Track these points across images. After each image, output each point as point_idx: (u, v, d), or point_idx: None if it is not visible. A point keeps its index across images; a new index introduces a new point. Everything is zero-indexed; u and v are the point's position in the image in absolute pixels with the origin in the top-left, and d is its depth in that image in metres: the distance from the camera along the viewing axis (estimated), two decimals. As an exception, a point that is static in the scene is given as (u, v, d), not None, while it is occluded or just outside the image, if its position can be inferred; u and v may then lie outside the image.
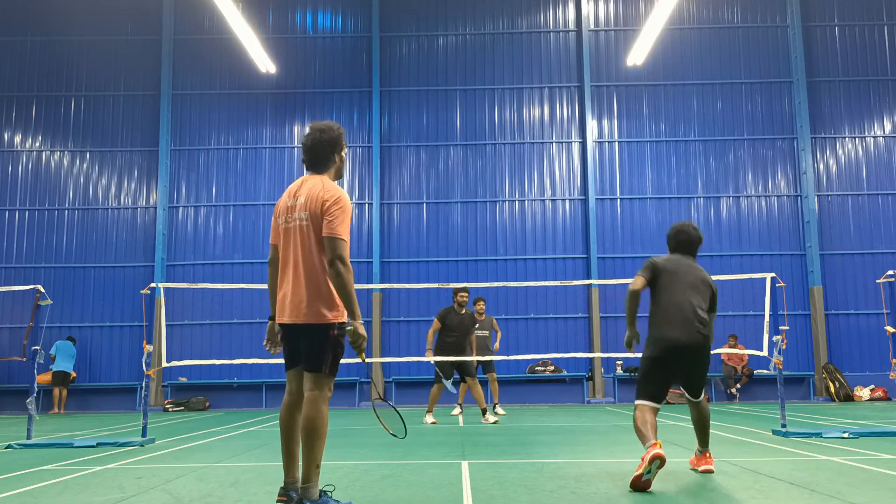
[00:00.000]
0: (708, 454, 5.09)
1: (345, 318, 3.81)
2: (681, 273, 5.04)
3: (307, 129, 4.01)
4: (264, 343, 4.10)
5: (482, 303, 12.13)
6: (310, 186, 3.84)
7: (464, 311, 10.46)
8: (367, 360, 4.19)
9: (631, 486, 4.37)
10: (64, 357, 15.53)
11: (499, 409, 12.20)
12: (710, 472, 4.98)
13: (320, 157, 3.95)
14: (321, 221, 3.72)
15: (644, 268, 5.07)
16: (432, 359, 10.11)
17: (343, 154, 4.05)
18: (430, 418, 10.33)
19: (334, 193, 3.78)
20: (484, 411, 10.36)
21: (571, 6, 17.80)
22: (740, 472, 5.14)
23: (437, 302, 16.45)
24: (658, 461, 4.33)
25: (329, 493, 3.79)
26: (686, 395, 5.07)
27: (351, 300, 3.68)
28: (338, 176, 4.03)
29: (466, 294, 10.51)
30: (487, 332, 12.07)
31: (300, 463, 3.81)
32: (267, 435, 8.80)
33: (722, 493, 4.32)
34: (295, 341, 3.87)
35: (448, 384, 10.24)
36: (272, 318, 3.99)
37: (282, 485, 3.86)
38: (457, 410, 12.22)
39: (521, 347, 15.58)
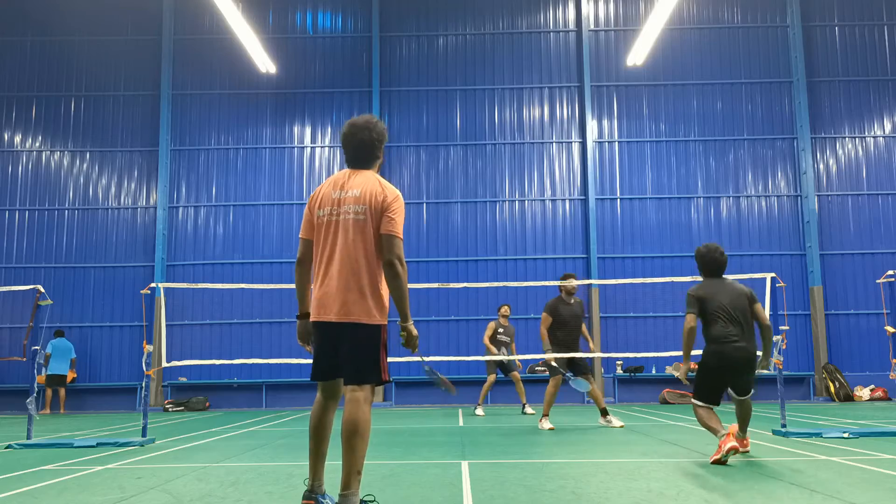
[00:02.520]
0: (746, 440, 6.03)
1: (386, 321, 3.66)
2: (719, 296, 5.84)
3: (347, 127, 3.83)
4: (300, 342, 3.87)
5: (508, 308, 12.53)
6: (364, 181, 3.68)
7: (573, 301, 9.20)
8: (424, 359, 4.03)
9: (712, 462, 5.43)
10: (60, 357, 15.40)
11: (529, 409, 12.41)
12: (743, 451, 5.92)
13: (368, 154, 3.81)
14: (381, 218, 3.59)
15: (690, 304, 5.86)
16: (551, 356, 9.05)
17: (383, 147, 3.94)
18: (546, 423, 9.02)
19: (394, 192, 3.68)
20: (527, 411, 9.40)
21: (571, 6, 17.80)
22: (740, 472, 5.14)
23: (437, 302, 16.50)
24: (734, 451, 5.34)
25: None
26: (733, 394, 5.92)
27: (406, 301, 3.58)
28: (378, 171, 3.90)
29: (574, 280, 9.20)
30: (509, 338, 12.56)
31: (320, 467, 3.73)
32: (267, 435, 8.80)
33: (722, 493, 4.32)
34: (335, 344, 3.61)
35: (571, 381, 9.49)
36: (303, 315, 3.81)
37: (306, 487, 3.71)
38: (529, 410, 12.31)
39: (521, 347, 15.56)
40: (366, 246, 3.60)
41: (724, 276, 6.09)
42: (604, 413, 9.32)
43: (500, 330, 12.38)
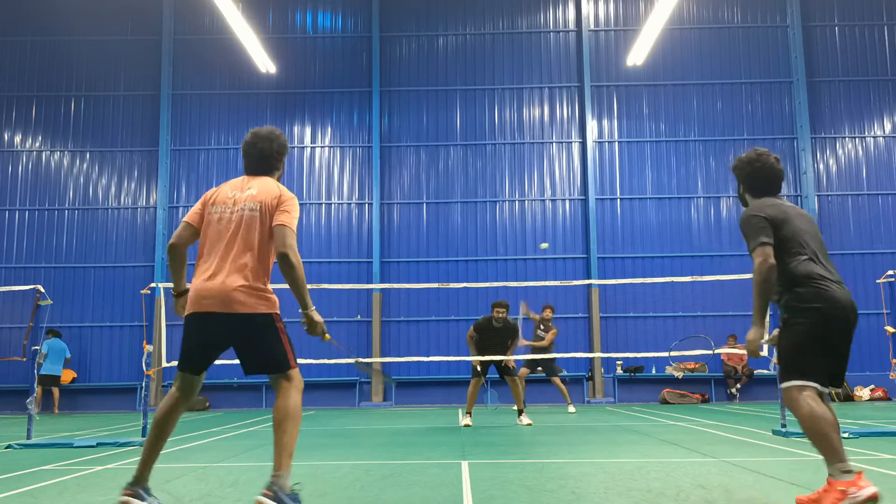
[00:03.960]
0: (861, 474, 3.42)
1: (278, 310, 3.71)
2: (796, 220, 3.82)
3: (250, 136, 3.95)
4: (176, 310, 3.99)
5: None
6: (262, 183, 3.80)
7: (501, 325, 9.96)
8: (337, 343, 4.06)
9: None
10: (55, 358, 15.27)
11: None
12: (876, 498, 3.30)
13: (267, 164, 3.92)
14: (273, 214, 3.67)
15: (759, 229, 3.69)
16: (474, 358, 9.83)
17: (284, 159, 4.04)
18: (467, 419, 9.70)
19: (290, 193, 3.79)
20: (520, 412, 10.00)
21: (571, 6, 17.80)
22: (740, 472, 5.13)
23: (437, 302, 16.50)
24: (873, 501, 3.25)
25: (297, 493, 3.59)
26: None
27: (303, 290, 3.62)
28: (278, 181, 4.00)
29: (503, 310, 9.94)
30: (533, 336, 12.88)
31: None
32: (267, 435, 8.79)
33: (722, 492, 4.32)
34: (215, 336, 3.68)
35: (489, 402, 10.16)
36: (181, 293, 3.95)
37: (130, 480, 3.61)
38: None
39: (521, 348, 15.58)
40: (257, 241, 3.68)
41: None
42: (519, 413, 10.05)
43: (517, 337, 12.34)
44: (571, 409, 12.72)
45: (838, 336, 3.60)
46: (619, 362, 16.30)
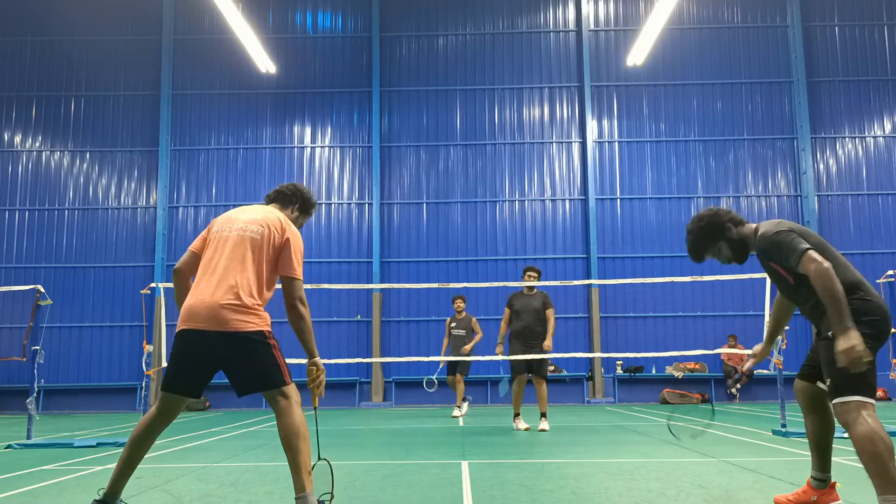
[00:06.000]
0: (835, 486, 3.76)
1: (269, 328, 3.65)
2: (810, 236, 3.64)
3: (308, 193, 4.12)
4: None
5: (461, 301, 12.05)
6: (269, 211, 3.82)
7: (534, 292, 8.99)
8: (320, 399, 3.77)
9: None
10: None
11: (456, 411, 11.91)
12: None
13: (286, 199, 4.02)
14: (279, 250, 3.66)
15: (793, 240, 3.49)
16: (501, 356, 8.95)
17: (305, 220, 4.12)
18: (521, 423, 8.89)
19: (295, 230, 3.78)
20: (543, 415, 8.94)
21: (571, 6, 17.80)
22: (740, 472, 5.14)
23: (437, 302, 16.49)
24: None
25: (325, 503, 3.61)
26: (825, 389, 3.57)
27: (310, 339, 3.64)
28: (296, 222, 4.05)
29: (535, 272, 9.02)
30: (465, 331, 12.02)
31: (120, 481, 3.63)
32: (267, 435, 8.81)
33: (722, 492, 4.32)
34: (204, 354, 3.53)
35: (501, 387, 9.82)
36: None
37: (98, 497, 3.55)
38: (457, 412, 12.14)
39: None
40: (253, 261, 3.62)
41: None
42: (542, 415, 8.88)
43: (454, 324, 12.04)
44: (458, 412, 11.89)
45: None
46: (619, 362, 16.30)
